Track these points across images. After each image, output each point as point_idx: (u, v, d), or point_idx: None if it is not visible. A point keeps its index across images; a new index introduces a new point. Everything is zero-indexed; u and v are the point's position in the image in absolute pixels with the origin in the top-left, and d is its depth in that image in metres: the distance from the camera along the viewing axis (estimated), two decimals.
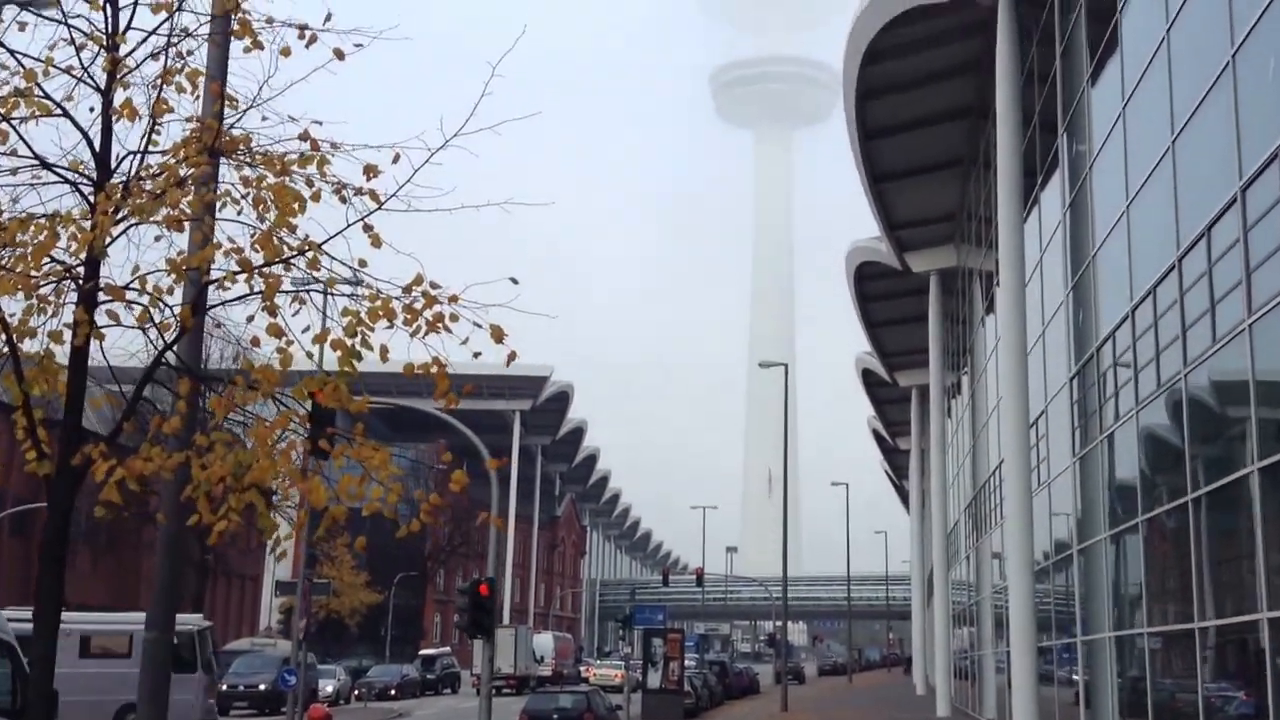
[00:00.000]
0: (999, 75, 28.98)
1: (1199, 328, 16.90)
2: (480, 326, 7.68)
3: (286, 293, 7.94)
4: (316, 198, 8.03)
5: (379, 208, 7.93)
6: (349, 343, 7.77)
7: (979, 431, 42.05)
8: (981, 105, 36.61)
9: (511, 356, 7.85)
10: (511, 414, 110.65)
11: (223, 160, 8.20)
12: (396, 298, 7.86)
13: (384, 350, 7.98)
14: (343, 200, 8.02)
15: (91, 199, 8.09)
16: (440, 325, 7.81)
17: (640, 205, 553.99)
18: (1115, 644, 22.27)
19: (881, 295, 55.44)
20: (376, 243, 7.86)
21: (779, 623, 77.80)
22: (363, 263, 7.89)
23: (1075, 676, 25.90)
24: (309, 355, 7.94)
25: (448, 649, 79.44)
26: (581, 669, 74.91)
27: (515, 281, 7.83)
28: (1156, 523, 19.37)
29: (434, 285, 7.86)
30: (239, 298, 8.12)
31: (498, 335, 7.67)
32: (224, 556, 64.18)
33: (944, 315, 49.52)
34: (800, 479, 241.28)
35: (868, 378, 74.64)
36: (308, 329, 7.99)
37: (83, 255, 7.89)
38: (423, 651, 76.14)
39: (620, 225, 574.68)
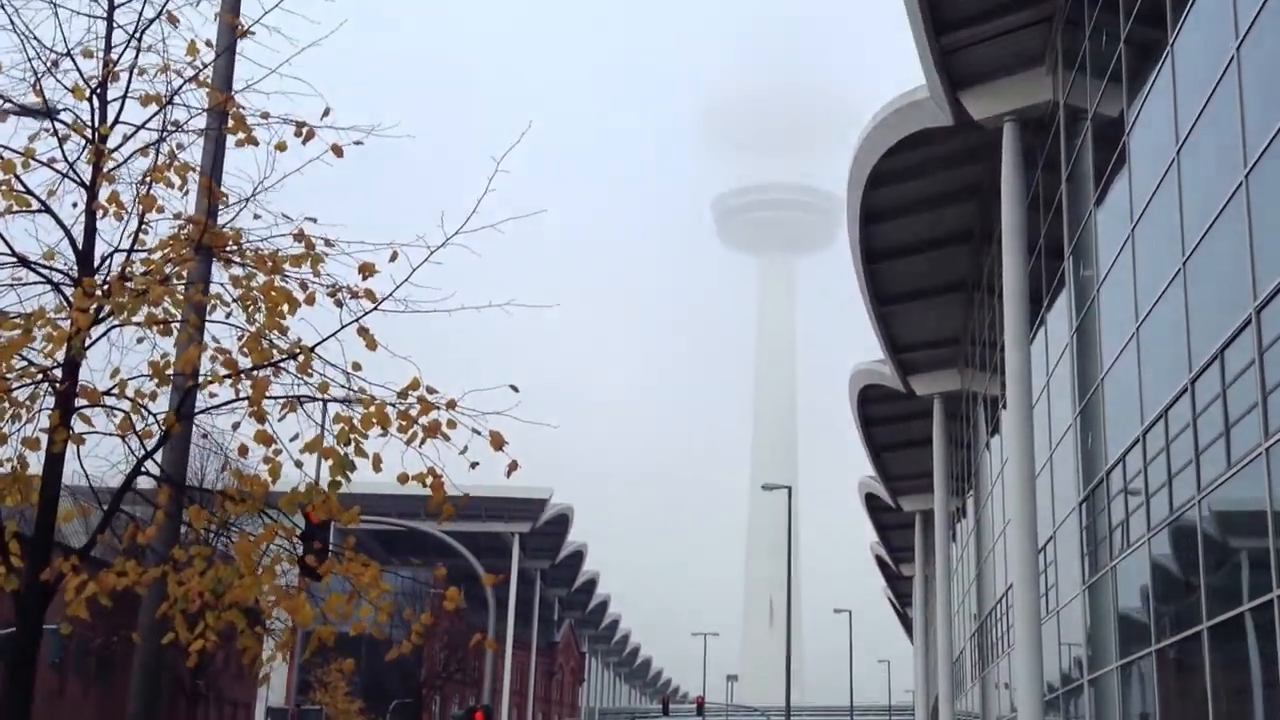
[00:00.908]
0: (1004, 197, 28.94)
1: (1213, 451, 16.54)
2: (479, 433, 7.30)
3: (276, 398, 7.56)
4: (311, 300, 7.70)
5: (375, 307, 7.59)
6: (341, 451, 7.37)
7: (984, 557, 41.45)
8: (985, 229, 36.64)
9: (513, 466, 7.47)
10: (511, 536, 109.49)
11: (213, 260, 7.89)
12: (391, 404, 7.49)
13: (377, 459, 7.60)
14: (338, 304, 7.70)
15: (72, 298, 7.72)
16: (437, 433, 7.43)
17: (643, 327, 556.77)
18: None
19: (885, 419, 55.13)
20: (372, 345, 7.51)
21: None
22: (357, 366, 7.55)
23: None
24: (298, 464, 7.53)
25: None
26: None
27: (515, 389, 7.48)
28: (1169, 653, 18.82)
29: (430, 390, 7.50)
30: (225, 403, 7.75)
31: (497, 442, 7.29)
32: (215, 682, 62.89)
33: (948, 439, 49.14)
34: (802, 605, 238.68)
35: (871, 502, 73.97)
36: (296, 437, 7.58)
37: (60, 357, 7.53)
38: None
39: (623, 347, 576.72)
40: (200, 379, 7.68)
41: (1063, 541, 27.17)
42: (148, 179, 7.90)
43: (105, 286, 7.60)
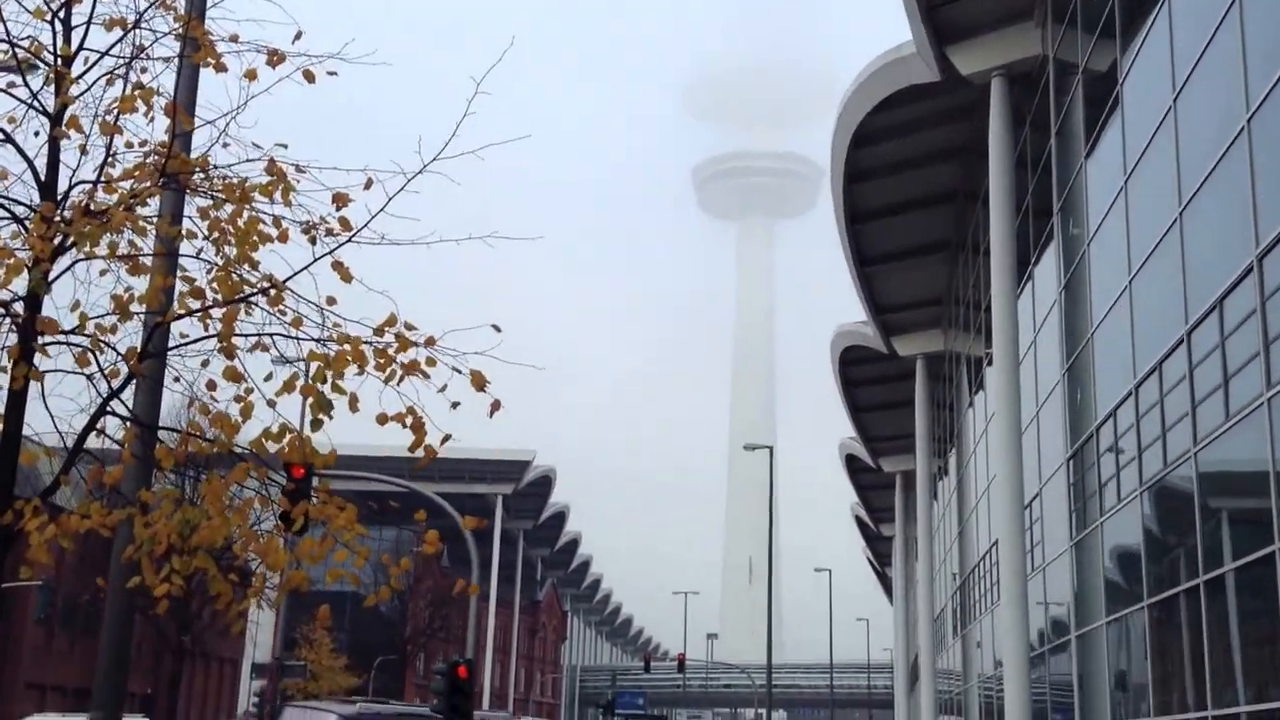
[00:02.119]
0: (992, 154, 28.56)
1: (1210, 403, 16.26)
2: (460, 372, 6.89)
3: (247, 336, 7.14)
4: (285, 237, 7.28)
5: (349, 238, 7.15)
6: (319, 389, 6.95)
7: (967, 517, 41.31)
8: (969, 189, 36.35)
9: (495, 406, 7.08)
10: (494, 498, 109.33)
11: (181, 193, 7.46)
12: (368, 341, 7.08)
13: (354, 399, 7.19)
14: (312, 240, 7.26)
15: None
16: (416, 371, 7.01)
17: (623, 293, 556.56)
18: None
19: (866, 380, 54.97)
20: (346, 277, 7.07)
21: (761, 710, 76.44)
22: (331, 300, 7.12)
23: None
24: (270, 404, 7.11)
25: None
26: None
27: (498, 329, 7.08)
28: (1163, 607, 18.59)
29: (409, 327, 7.09)
30: (194, 340, 7.32)
31: (478, 382, 6.88)
32: (201, 639, 62.72)
33: (930, 400, 48.95)
34: (781, 566, 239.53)
35: (851, 463, 73.92)
36: (269, 377, 7.15)
37: (19, 288, 7.10)
38: None
39: (603, 312, 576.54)
40: (167, 315, 7.26)
41: (1049, 499, 26.95)
42: (114, 107, 7.44)
43: (66, 215, 7.16)
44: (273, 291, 7.06)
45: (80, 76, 7.57)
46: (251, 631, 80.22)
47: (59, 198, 7.45)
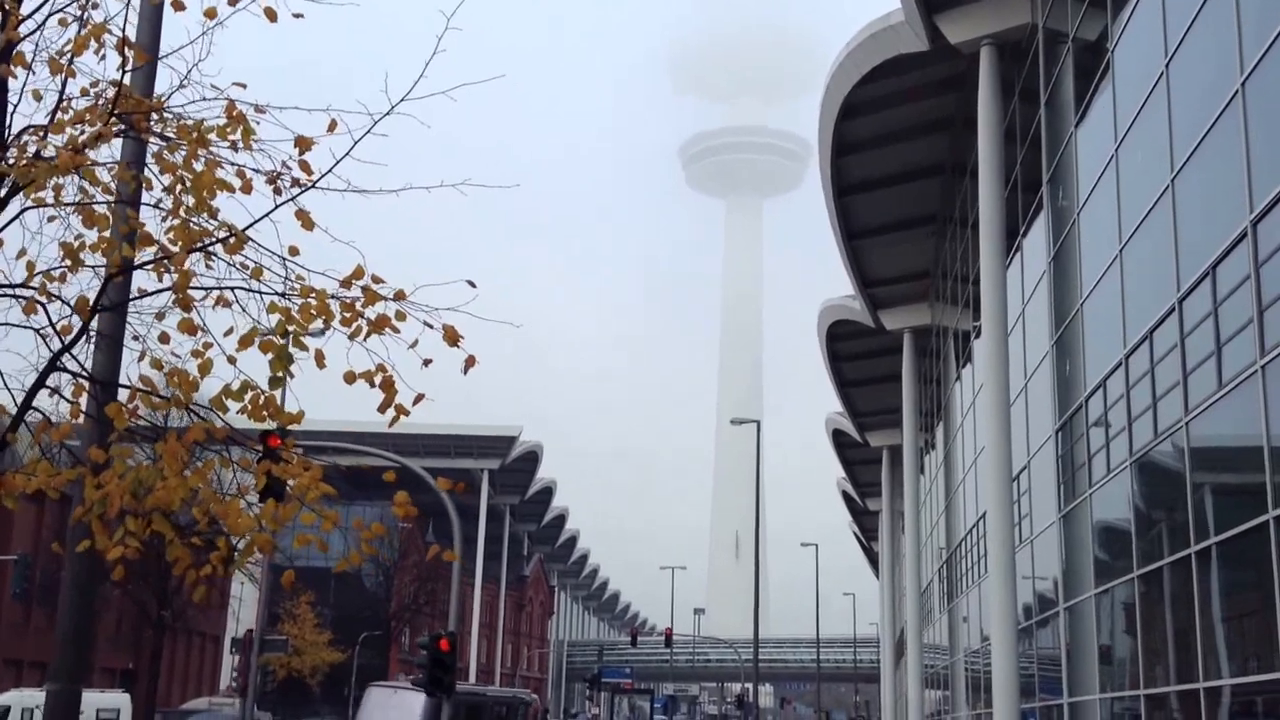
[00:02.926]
0: (981, 123, 28.29)
1: (1202, 372, 16.02)
2: (432, 327, 6.57)
3: (206, 289, 6.80)
4: (248, 189, 6.95)
5: (313, 184, 6.82)
6: (279, 343, 6.62)
7: (954, 491, 41.17)
8: (957, 162, 36.16)
9: (470, 362, 6.76)
10: (480, 473, 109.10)
11: (136, 139, 7.12)
12: (334, 295, 6.76)
13: (320, 356, 6.87)
14: (277, 191, 6.94)
15: None
16: (385, 326, 6.69)
17: (610, 269, 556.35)
18: (1105, 706, 21.26)
19: (853, 355, 54.86)
20: (308, 224, 6.73)
21: (748, 684, 76.47)
22: (294, 250, 6.79)
23: None
24: (231, 360, 6.77)
25: None
26: None
27: (473, 285, 6.78)
28: (1153, 578, 18.38)
29: (376, 280, 6.76)
30: (151, 293, 7.00)
31: (452, 337, 6.56)
32: (183, 614, 62.29)
33: (917, 374, 48.82)
34: (768, 541, 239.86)
35: (838, 438, 73.86)
36: (230, 331, 6.82)
37: None
38: None
39: (590, 288, 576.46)
40: (113, 259, 6.91)
41: (1037, 471, 26.76)
42: (66, 50, 7.08)
43: (9, 158, 6.82)
44: (232, 240, 6.72)
45: (30, 16, 7.21)
46: (234, 607, 79.94)
47: (5, 141, 7.10)
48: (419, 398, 6.85)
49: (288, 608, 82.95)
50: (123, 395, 7.08)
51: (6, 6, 7.09)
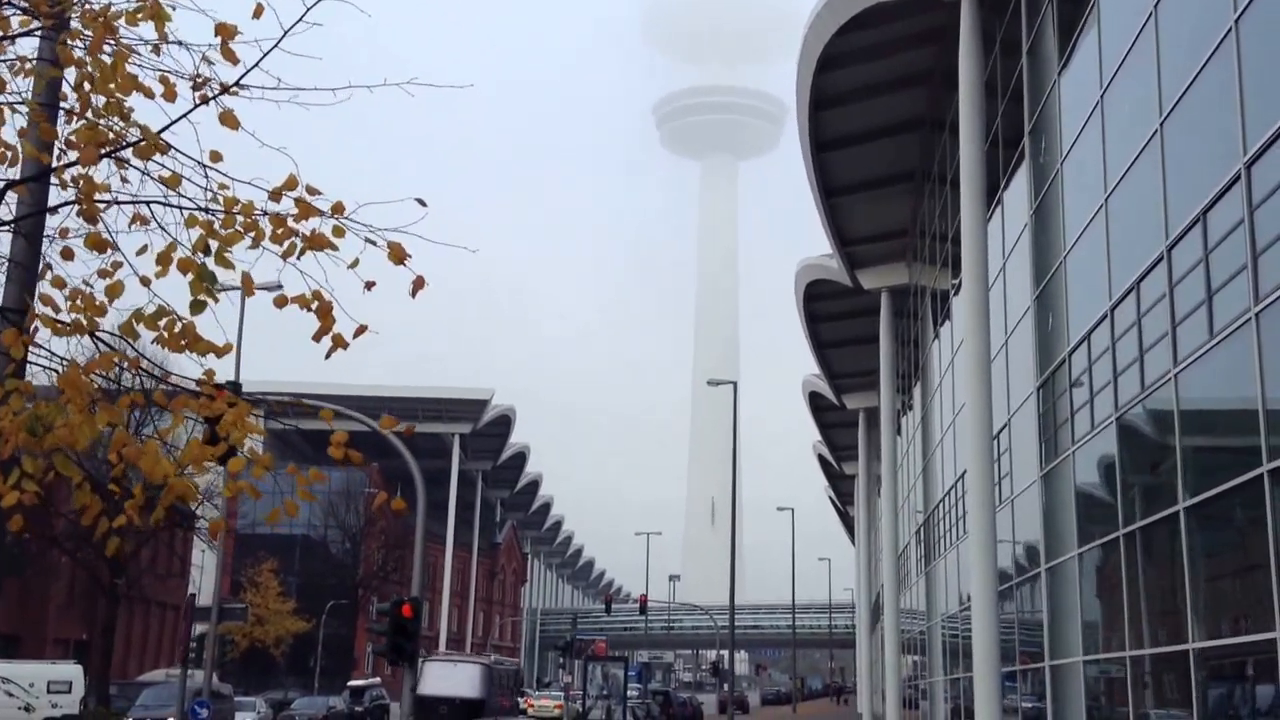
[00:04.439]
0: (961, 72, 27.67)
1: (1192, 321, 15.46)
2: (375, 244, 5.89)
3: (118, 203, 6.09)
4: (171, 96, 6.26)
5: (238, 81, 6.08)
6: (200, 261, 5.92)
7: (931, 452, 40.73)
8: (936, 117, 35.59)
9: (418, 284, 6.09)
10: (451, 437, 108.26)
11: (41, 35, 6.41)
12: (262, 209, 6.07)
13: (247, 279, 6.20)
14: (205, 100, 6.24)
15: None
16: (323, 245, 6.00)
17: (583, 232, 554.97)
18: (1088, 669, 20.82)
19: (830, 316, 54.43)
20: (233, 124, 6.02)
21: (723, 651, 76.22)
22: (216, 156, 6.09)
23: (1038, 705, 24.40)
24: (145, 283, 6.07)
25: (378, 680, 76.41)
26: (521, 700, 72.32)
27: (423, 203, 6.12)
28: (1140, 536, 17.87)
29: (311, 191, 6.07)
30: (53, 207, 6.31)
31: (398, 255, 5.87)
32: (138, 582, 60.99)
33: (894, 335, 48.36)
34: (744, 507, 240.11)
35: (815, 401, 73.47)
36: (144, 250, 6.12)
37: None
38: (351, 683, 72.89)
39: (566, 255, 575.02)
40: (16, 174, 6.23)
41: (1018, 429, 26.25)
42: None
43: None
44: (142, 142, 5.99)
45: None
46: (195, 576, 78.93)
47: None
48: (361, 329, 6.20)
49: (250, 575, 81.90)
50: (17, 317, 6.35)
51: None
